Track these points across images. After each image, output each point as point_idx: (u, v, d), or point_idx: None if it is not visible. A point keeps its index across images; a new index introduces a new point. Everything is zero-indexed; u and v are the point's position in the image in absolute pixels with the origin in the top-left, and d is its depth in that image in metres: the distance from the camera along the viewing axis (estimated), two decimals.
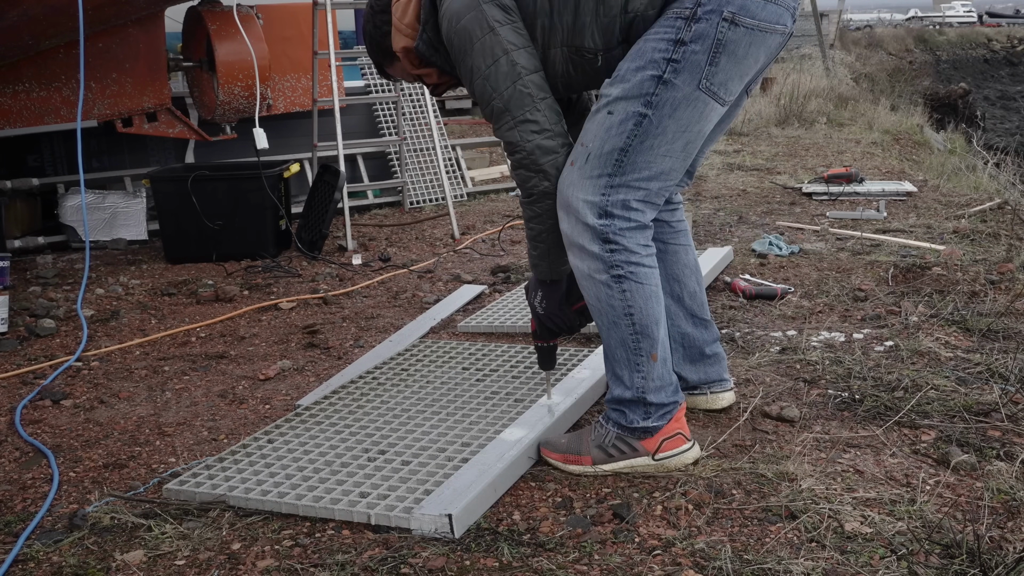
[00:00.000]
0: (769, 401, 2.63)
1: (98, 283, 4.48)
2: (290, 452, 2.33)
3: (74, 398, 2.98)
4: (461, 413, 2.53)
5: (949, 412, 2.48)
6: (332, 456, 2.29)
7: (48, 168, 5.77)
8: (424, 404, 2.62)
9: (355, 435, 2.42)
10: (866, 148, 8.50)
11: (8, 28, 4.28)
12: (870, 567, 1.75)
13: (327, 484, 2.14)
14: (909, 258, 4.09)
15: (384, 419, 2.52)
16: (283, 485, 2.15)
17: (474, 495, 2.02)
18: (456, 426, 2.44)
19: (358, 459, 2.27)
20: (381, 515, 2.00)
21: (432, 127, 5.93)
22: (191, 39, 5.55)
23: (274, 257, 4.89)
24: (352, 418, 2.55)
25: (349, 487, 2.12)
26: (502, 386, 2.72)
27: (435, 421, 2.49)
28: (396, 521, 1.98)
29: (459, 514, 1.95)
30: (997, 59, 28.87)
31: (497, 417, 2.48)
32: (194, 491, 2.16)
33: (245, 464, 2.28)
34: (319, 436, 2.43)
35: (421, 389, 2.75)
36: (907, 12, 46.61)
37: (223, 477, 2.22)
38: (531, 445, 2.28)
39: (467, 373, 2.86)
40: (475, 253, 4.96)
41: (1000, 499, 2.01)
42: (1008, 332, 3.12)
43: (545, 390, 2.59)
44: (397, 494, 2.06)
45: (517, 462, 2.21)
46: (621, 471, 2.22)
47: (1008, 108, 20.75)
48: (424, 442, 2.35)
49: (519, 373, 2.82)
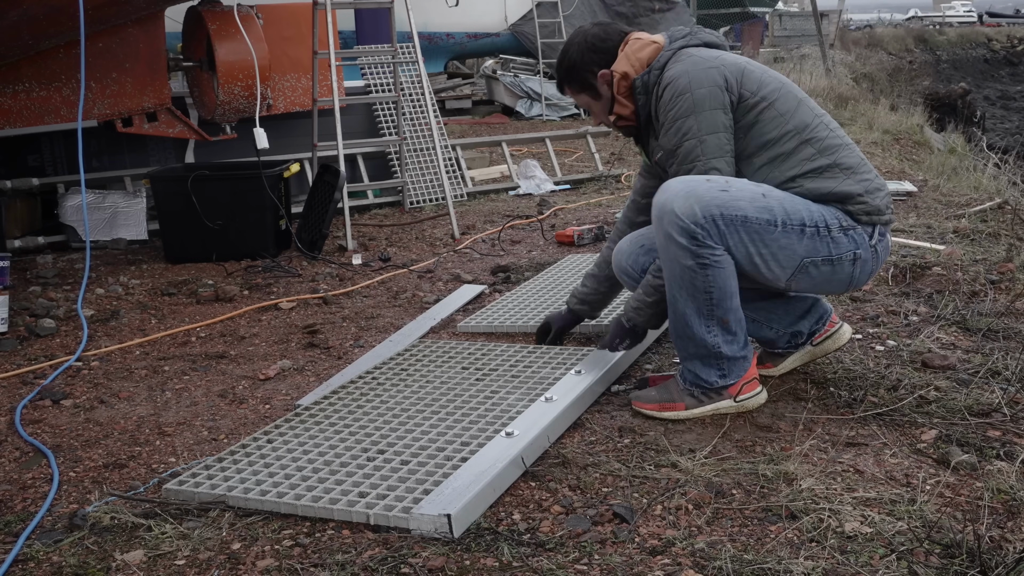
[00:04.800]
0: (770, 401, 2.63)
1: (98, 283, 4.48)
2: (289, 452, 2.33)
3: (74, 398, 2.98)
4: (460, 412, 2.53)
5: (949, 412, 2.48)
6: (331, 456, 2.29)
7: (48, 168, 5.76)
8: (423, 404, 2.62)
9: (354, 435, 2.42)
10: (866, 148, 8.50)
11: (8, 28, 4.28)
12: (870, 567, 1.75)
13: (326, 484, 2.14)
14: (909, 258, 4.08)
15: (383, 419, 2.52)
16: (282, 485, 2.15)
17: (473, 495, 2.02)
18: (455, 425, 2.44)
19: (357, 459, 2.27)
20: (380, 515, 2.00)
21: (432, 127, 5.93)
22: (191, 39, 5.55)
23: (274, 257, 4.88)
24: (351, 418, 2.55)
25: (348, 487, 2.12)
26: (501, 385, 2.72)
27: (434, 420, 2.49)
28: (395, 521, 1.98)
29: (458, 514, 1.95)
30: (997, 59, 28.86)
31: (496, 416, 2.48)
32: (193, 491, 2.16)
33: (244, 464, 2.28)
34: (318, 436, 2.43)
35: (420, 389, 2.75)
36: (907, 12, 46.60)
37: (222, 477, 2.22)
38: (530, 444, 2.28)
39: (466, 372, 2.86)
40: (475, 253, 4.96)
41: (1000, 499, 2.01)
42: (1008, 332, 3.12)
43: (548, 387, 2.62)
44: (396, 494, 2.06)
45: (516, 461, 2.21)
46: (709, 414, 2.54)
47: (1008, 108, 20.74)
48: (423, 442, 2.35)
49: (518, 372, 2.82)
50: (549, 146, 7.50)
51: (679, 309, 2.48)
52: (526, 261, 4.67)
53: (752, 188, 2.45)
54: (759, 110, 2.50)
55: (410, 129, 6.71)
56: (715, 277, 2.41)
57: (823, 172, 2.48)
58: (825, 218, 2.46)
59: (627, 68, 2.64)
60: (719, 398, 2.54)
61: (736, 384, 2.53)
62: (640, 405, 2.60)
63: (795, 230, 2.43)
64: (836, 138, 2.53)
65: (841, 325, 2.79)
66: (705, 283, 2.42)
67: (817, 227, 2.45)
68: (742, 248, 2.42)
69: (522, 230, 5.50)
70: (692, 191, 2.39)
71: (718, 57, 2.55)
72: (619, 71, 2.65)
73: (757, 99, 2.50)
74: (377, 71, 7.00)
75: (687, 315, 2.47)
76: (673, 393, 2.57)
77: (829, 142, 2.51)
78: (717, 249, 2.40)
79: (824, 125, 2.54)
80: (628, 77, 2.64)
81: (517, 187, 6.96)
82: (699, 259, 2.39)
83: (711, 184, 2.42)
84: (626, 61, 2.64)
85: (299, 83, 6.19)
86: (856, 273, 2.52)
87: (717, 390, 2.53)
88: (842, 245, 2.47)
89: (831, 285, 2.56)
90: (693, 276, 2.42)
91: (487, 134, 10.08)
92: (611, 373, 2.81)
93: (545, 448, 2.36)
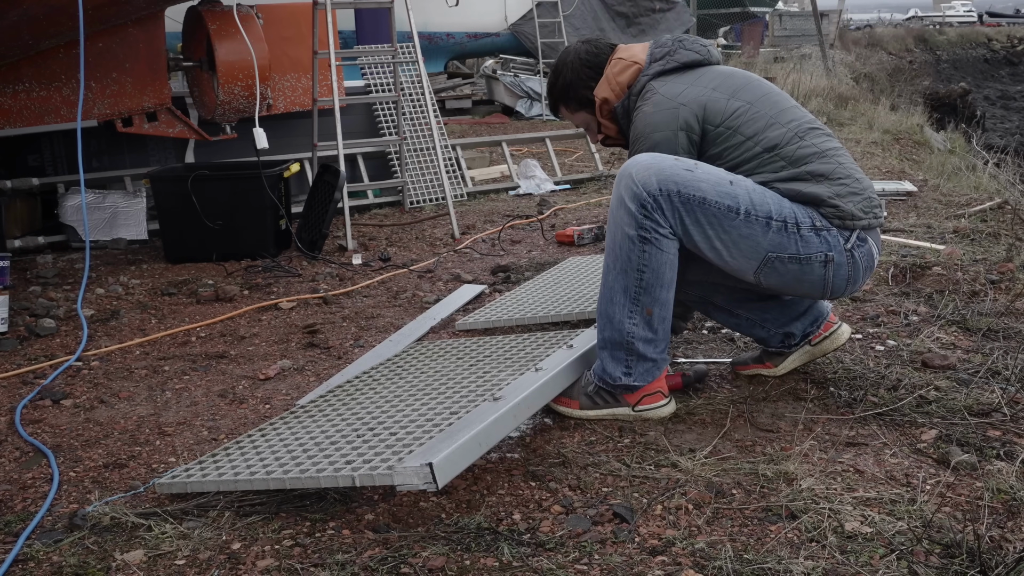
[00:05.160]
0: (770, 401, 2.63)
1: (98, 283, 4.48)
2: (282, 442, 2.33)
3: (74, 398, 2.98)
4: (452, 391, 2.52)
5: (949, 412, 2.48)
6: (322, 438, 2.29)
7: (48, 168, 5.76)
8: (417, 391, 2.61)
9: (346, 420, 2.42)
10: (866, 148, 8.50)
11: (8, 28, 4.28)
12: (870, 567, 1.76)
13: (315, 459, 2.14)
14: (909, 258, 4.08)
15: (377, 407, 2.51)
16: (271, 466, 2.15)
17: (456, 445, 2.00)
18: (445, 400, 2.43)
19: (347, 437, 2.27)
20: (365, 476, 1.97)
21: (432, 127, 5.93)
22: (191, 39, 5.55)
23: (274, 257, 4.88)
24: (345, 409, 2.55)
25: (336, 459, 2.11)
26: (494, 365, 2.71)
27: (425, 399, 2.48)
28: (380, 480, 1.96)
29: (440, 462, 1.92)
30: (997, 59, 28.84)
31: (487, 389, 2.45)
32: (185, 482, 2.17)
33: (237, 456, 2.29)
34: (311, 427, 2.43)
35: (416, 379, 2.74)
36: (907, 12, 46.61)
37: (214, 468, 2.23)
38: (518, 404, 2.27)
39: (460, 362, 2.85)
40: (475, 253, 4.96)
41: (1000, 499, 2.01)
42: (1008, 332, 3.12)
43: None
44: (382, 457, 2.05)
45: (503, 419, 2.19)
46: (603, 418, 2.53)
47: (1008, 108, 20.73)
48: (413, 416, 2.34)
49: (512, 354, 2.81)
50: (549, 146, 7.50)
51: (609, 282, 2.47)
52: (526, 261, 4.67)
53: (720, 174, 2.44)
54: (723, 139, 2.51)
55: (410, 129, 6.71)
56: (651, 257, 2.40)
57: (794, 179, 2.48)
58: (796, 215, 2.42)
59: (607, 94, 2.69)
60: (616, 404, 2.53)
61: (637, 392, 2.51)
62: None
63: (759, 222, 2.40)
64: (809, 147, 2.49)
65: (840, 325, 2.78)
66: (640, 260, 2.41)
67: (785, 222, 2.41)
68: (699, 231, 2.40)
69: (522, 230, 5.50)
70: (656, 163, 2.40)
71: (681, 93, 2.54)
72: (600, 96, 2.70)
73: (721, 129, 2.51)
74: (377, 71, 7.00)
75: (614, 290, 2.46)
76: (575, 389, 2.58)
77: (800, 153, 2.48)
78: (662, 228, 2.39)
79: (797, 137, 2.50)
80: (609, 103, 2.69)
81: (517, 187, 6.96)
82: (642, 230, 2.39)
83: (677, 163, 2.42)
84: (607, 86, 2.69)
85: (299, 83, 6.19)
86: (829, 276, 2.47)
87: (616, 391, 2.52)
88: (812, 245, 2.43)
89: (804, 286, 2.50)
90: (631, 248, 2.41)
91: (487, 134, 10.09)
92: None
93: (536, 410, 2.37)
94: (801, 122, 2.55)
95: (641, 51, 2.70)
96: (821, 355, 2.80)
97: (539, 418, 2.58)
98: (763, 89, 2.60)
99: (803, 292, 2.57)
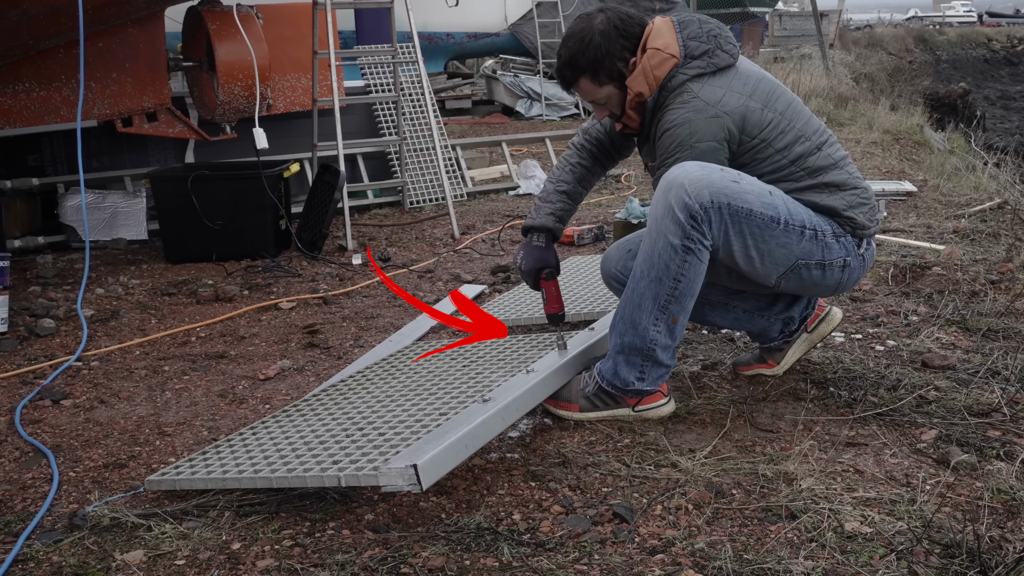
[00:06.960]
0: (769, 401, 2.63)
1: (98, 283, 4.48)
2: (272, 440, 2.34)
3: (74, 398, 2.98)
4: (443, 391, 2.52)
5: (949, 412, 2.48)
6: (311, 437, 2.29)
7: (48, 168, 5.76)
8: (408, 390, 2.61)
9: (336, 419, 2.42)
10: (866, 148, 8.50)
11: (8, 28, 4.28)
12: (870, 567, 1.75)
13: (302, 458, 2.14)
14: (909, 258, 4.08)
15: (367, 406, 2.51)
16: (259, 465, 2.15)
17: (442, 447, 2.00)
18: (436, 401, 2.43)
19: (335, 437, 2.27)
20: (351, 476, 1.98)
21: (432, 127, 5.93)
22: (191, 39, 5.55)
23: (274, 257, 4.88)
24: (336, 408, 2.55)
25: (323, 458, 2.12)
26: (486, 366, 2.71)
27: (416, 400, 2.48)
28: (365, 480, 1.96)
29: (424, 464, 1.92)
30: (997, 59, 28.85)
31: (477, 391, 2.46)
32: (174, 479, 2.18)
33: (227, 454, 2.29)
34: (301, 425, 2.43)
35: (408, 380, 2.74)
36: (907, 12, 46.62)
37: (203, 465, 2.23)
38: (507, 407, 2.27)
39: (453, 363, 2.85)
40: (475, 253, 4.96)
41: (1000, 499, 2.01)
42: (1008, 332, 3.12)
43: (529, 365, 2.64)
44: (368, 457, 2.06)
45: (490, 420, 2.19)
46: (602, 419, 2.53)
47: (1008, 108, 20.75)
48: (402, 417, 2.34)
49: (505, 356, 2.80)
50: (549, 146, 7.50)
51: (640, 288, 2.44)
52: None
53: (760, 185, 2.47)
54: (756, 150, 2.51)
55: (410, 129, 6.71)
56: (690, 267, 2.40)
57: (810, 189, 2.53)
58: (821, 224, 2.51)
59: (643, 88, 2.51)
60: (616, 405, 2.54)
61: (642, 396, 2.54)
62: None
63: (795, 231, 2.46)
64: (826, 158, 2.55)
65: (830, 307, 2.84)
66: (679, 269, 2.40)
67: (816, 231, 2.49)
68: (739, 241, 2.42)
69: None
70: (707, 175, 2.38)
71: (721, 100, 2.45)
72: (635, 90, 2.51)
73: (756, 141, 2.50)
74: (377, 71, 7.00)
75: (644, 296, 2.43)
76: (573, 391, 2.57)
77: (819, 164, 2.53)
78: (706, 239, 2.40)
79: (816, 148, 2.54)
80: (643, 96, 2.52)
81: (517, 187, 6.96)
82: (687, 240, 2.38)
83: (724, 173, 2.42)
84: (643, 79, 2.50)
85: (299, 83, 6.19)
86: (844, 279, 2.58)
87: (619, 395, 2.52)
88: (834, 251, 2.52)
89: (817, 288, 2.59)
90: (671, 257, 2.39)
91: (487, 134, 10.09)
92: (597, 348, 2.79)
93: (526, 412, 2.36)
94: (819, 131, 2.60)
95: (671, 36, 2.50)
96: (819, 340, 2.83)
97: (539, 418, 2.58)
98: (787, 97, 2.59)
99: (814, 292, 2.67)
